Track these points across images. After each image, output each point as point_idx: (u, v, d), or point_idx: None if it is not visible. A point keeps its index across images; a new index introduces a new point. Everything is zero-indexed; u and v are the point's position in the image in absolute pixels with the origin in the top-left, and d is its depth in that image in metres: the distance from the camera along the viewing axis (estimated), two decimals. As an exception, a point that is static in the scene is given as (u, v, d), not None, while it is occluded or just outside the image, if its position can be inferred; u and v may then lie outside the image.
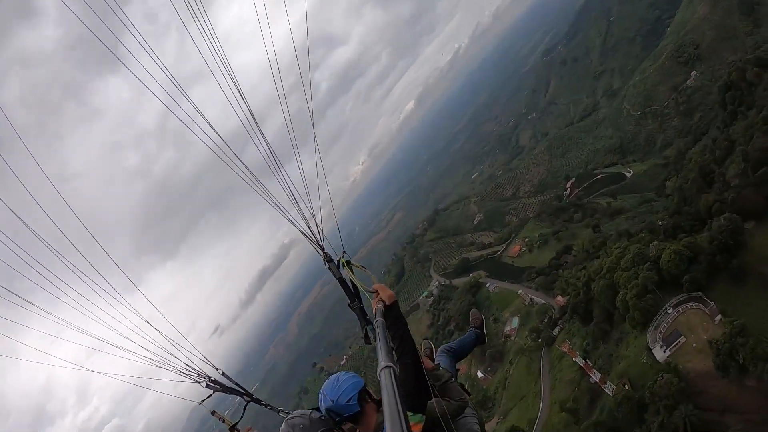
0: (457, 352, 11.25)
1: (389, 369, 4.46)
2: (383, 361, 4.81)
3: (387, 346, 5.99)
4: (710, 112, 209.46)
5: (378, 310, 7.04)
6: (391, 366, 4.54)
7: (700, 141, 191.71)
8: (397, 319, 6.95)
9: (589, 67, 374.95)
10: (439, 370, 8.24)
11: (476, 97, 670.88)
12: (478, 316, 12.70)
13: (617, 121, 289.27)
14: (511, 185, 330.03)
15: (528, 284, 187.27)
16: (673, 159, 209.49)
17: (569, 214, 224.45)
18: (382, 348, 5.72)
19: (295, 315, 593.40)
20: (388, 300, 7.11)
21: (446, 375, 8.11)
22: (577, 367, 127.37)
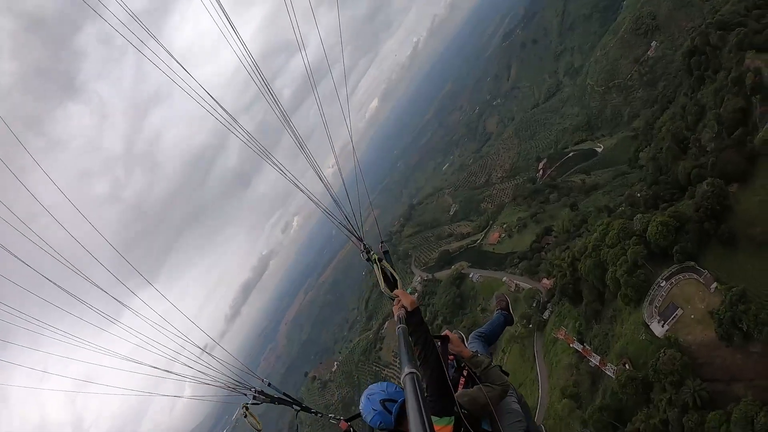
0: (488, 337, 11.68)
1: (413, 375, 4.35)
2: (407, 367, 4.60)
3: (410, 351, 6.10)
4: (674, 80, 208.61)
5: (399, 316, 7.26)
6: (415, 372, 4.41)
7: (667, 109, 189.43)
8: (419, 325, 7.27)
9: (548, 47, 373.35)
10: (478, 357, 8.65)
11: (440, 89, 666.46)
12: (503, 298, 13.42)
13: (582, 98, 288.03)
14: (482, 172, 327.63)
15: (512, 270, 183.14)
16: (642, 130, 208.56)
17: (545, 196, 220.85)
18: (405, 354, 5.55)
19: (283, 325, 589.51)
20: (409, 306, 7.42)
21: (486, 361, 8.56)
22: (573, 350, 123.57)
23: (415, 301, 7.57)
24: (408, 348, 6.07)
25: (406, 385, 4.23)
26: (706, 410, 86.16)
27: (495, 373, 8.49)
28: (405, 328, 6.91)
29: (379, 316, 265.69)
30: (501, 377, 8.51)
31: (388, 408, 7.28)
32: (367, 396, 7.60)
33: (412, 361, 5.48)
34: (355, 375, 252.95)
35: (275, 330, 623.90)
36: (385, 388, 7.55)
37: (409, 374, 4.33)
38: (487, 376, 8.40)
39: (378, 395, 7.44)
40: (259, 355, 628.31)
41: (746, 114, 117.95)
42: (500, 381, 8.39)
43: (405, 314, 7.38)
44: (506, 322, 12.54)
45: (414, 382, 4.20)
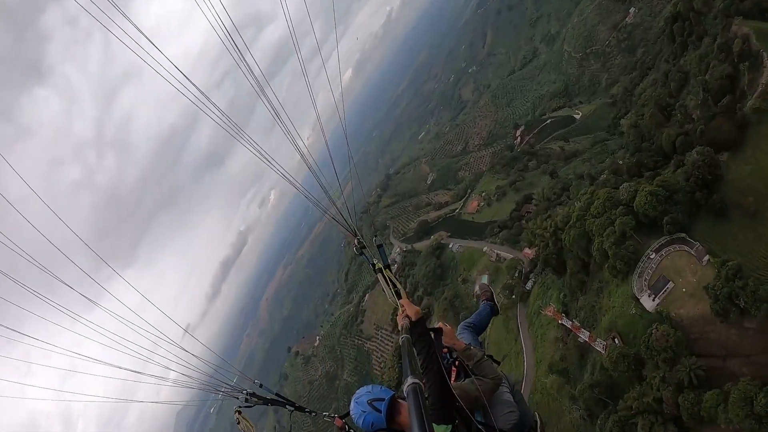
0: (477, 327, 11.89)
1: (415, 385, 4.61)
2: (410, 377, 4.85)
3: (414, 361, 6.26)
4: (653, 46, 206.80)
5: (403, 326, 7.36)
6: (418, 382, 4.68)
7: (647, 76, 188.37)
8: (422, 335, 7.32)
9: (524, 14, 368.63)
10: (471, 349, 8.60)
11: (414, 58, 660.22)
12: (487, 289, 13.94)
13: (559, 65, 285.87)
14: (459, 141, 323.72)
15: (492, 240, 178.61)
16: (621, 96, 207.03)
17: (523, 163, 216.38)
18: (408, 364, 5.64)
19: (264, 301, 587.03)
20: (414, 316, 7.48)
21: (479, 354, 8.53)
22: (558, 322, 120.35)
23: (420, 311, 7.59)
24: (411, 358, 6.11)
25: (409, 395, 4.49)
26: (702, 389, 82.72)
27: (488, 366, 8.49)
28: (408, 338, 6.96)
29: (359, 289, 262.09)
30: (494, 370, 8.53)
31: (376, 407, 7.33)
32: (355, 400, 7.60)
33: (415, 371, 5.58)
34: (338, 349, 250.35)
35: (256, 306, 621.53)
36: (370, 390, 7.64)
37: (412, 384, 4.59)
38: (479, 368, 8.43)
39: (365, 396, 7.51)
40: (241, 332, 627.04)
41: (734, 81, 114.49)
42: (493, 374, 8.44)
43: (409, 324, 7.42)
44: (492, 313, 12.69)
45: (417, 393, 4.48)
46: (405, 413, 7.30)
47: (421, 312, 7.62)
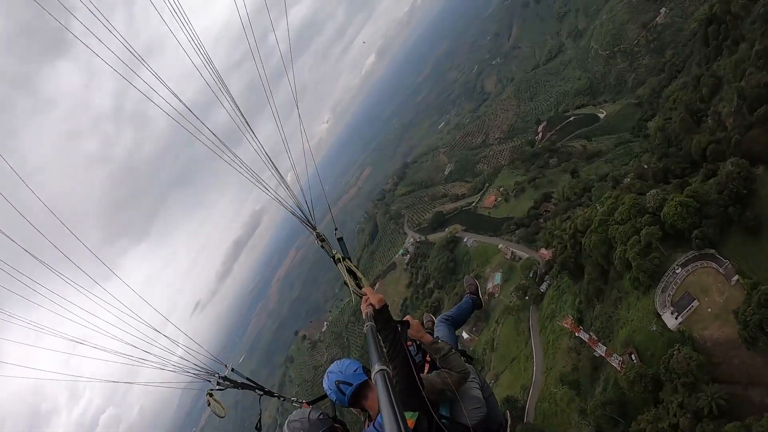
0: (456, 320, 11.66)
1: (383, 372, 4.66)
2: (377, 364, 4.93)
3: (379, 349, 6.09)
4: (684, 48, 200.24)
5: (368, 314, 7.23)
6: (385, 369, 4.75)
7: (675, 79, 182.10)
8: (387, 323, 7.23)
9: (552, 8, 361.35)
10: (438, 343, 8.34)
11: (437, 47, 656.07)
12: (472, 282, 13.55)
13: (585, 61, 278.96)
14: (479, 133, 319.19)
15: (508, 237, 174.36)
16: (648, 98, 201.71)
17: (544, 160, 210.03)
18: (374, 351, 5.77)
19: (274, 281, 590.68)
20: (377, 304, 7.34)
21: (446, 347, 8.25)
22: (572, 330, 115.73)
23: (383, 298, 7.53)
24: (377, 345, 6.12)
25: (378, 382, 4.52)
26: (723, 419, 77.24)
27: (455, 359, 8.23)
28: (373, 326, 6.96)
29: (369, 276, 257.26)
30: (460, 364, 8.27)
31: (342, 390, 7.41)
32: (327, 374, 7.70)
33: (381, 358, 5.61)
34: (345, 336, 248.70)
35: (267, 287, 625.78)
36: (343, 369, 7.60)
37: (380, 371, 4.66)
38: (446, 362, 8.17)
39: (335, 375, 7.54)
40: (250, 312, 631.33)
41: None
42: (459, 367, 8.17)
43: (373, 312, 7.32)
44: (474, 306, 12.61)
45: (385, 379, 4.51)
46: (372, 398, 7.39)
47: (384, 300, 7.49)
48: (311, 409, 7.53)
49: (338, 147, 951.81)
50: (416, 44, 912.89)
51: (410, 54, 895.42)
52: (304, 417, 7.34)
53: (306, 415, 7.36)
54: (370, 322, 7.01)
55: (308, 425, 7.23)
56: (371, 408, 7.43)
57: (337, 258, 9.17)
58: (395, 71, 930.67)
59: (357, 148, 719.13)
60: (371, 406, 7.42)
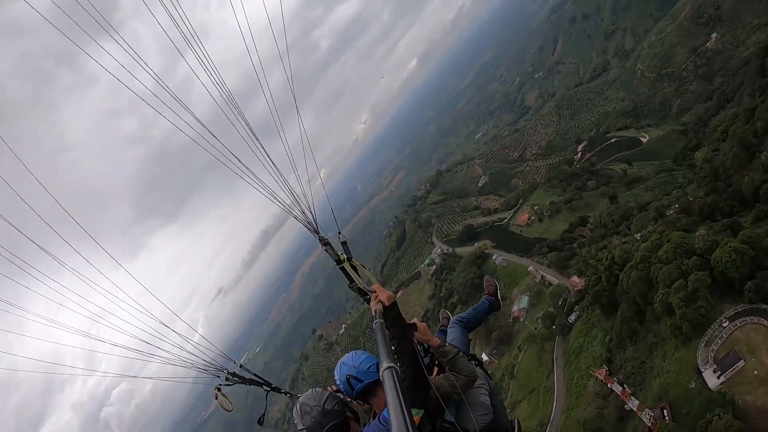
0: (470, 322, 11.37)
1: (392, 369, 4.48)
2: (385, 361, 4.76)
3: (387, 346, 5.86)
4: (734, 77, 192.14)
5: (377, 311, 7.12)
6: (394, 366, 4.55)
7: (724, 108, 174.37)
8: (395, 320, 7.09)
9: (599, 25, 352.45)
10: (445, 346, 8.21)
11: (480, 56, 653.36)
12: (492, 282, 13.32)
13: (630, 82, 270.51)
14: (517, 147, 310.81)
15: (539, 260, 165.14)
16: (693, 125, 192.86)
17: (582, 181, 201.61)
18: (383, 349, 5.60)
19: (298, 275, 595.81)
20: (387, 301, 7.21)
21: (453, 350, 8.12)
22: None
23: (393, 296, 7.41)
24: (386, 343, 5.89)
25: (386, 379, 4.32)
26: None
27: (462, 363, 8.04)
28: (382, 323, 6.72)
29: (393, 283, 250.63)
30: (468, 367, 8.06)
31: (352, 385, 7.35)
32: (340, 364, 7.64)
33: (390, 355, 5.36)
34: (362, 341, 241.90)
35: (290, 280, 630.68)
36: (357, 364, 7.50)
37: (388, 369, 4.45)
38: (453, 365, 8.01)
39: (348, 369, 7.48)
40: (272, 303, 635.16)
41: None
42: (467, 371, 8.00)
43: (382, 309, 7.17)
44: (492, 308, 12.25)
45: (393, 377, 4.31)
46: (380, 397, 7.31)
47: (394, 297, 7.33)
48: (328, 396, 7.17)
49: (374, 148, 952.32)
50: (460, 51, 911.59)
51: (453, 60, 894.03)
52: (318, 405, 7.02)
53: (321, 403, 7.04)
54: (379, 320, 6.78)
55: (320, 415, 6.95)
56: (377, 405, 7.36)
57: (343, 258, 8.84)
58: (437, 76, 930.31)
59: (392, 151, 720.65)
60: (378, 403, 7.35)
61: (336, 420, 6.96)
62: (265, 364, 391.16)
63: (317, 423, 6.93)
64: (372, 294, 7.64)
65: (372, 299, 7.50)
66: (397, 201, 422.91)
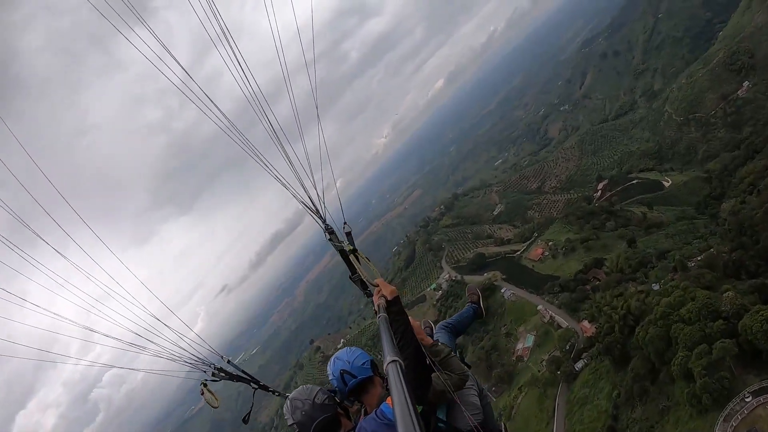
0: (455, 328, 11.30)
1: (396, 363, 4.46)
2: (389, 355, 4.70)
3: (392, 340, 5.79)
4: (765, 128, 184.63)
5: (380, 305, 6.97)
6: (398, 360, 4.54)
7: (753, 159, 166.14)
8: (398, 315, 6.89)
9: (629, 63, 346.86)
10: (438, 345, 8.11)
11: (507, 83, 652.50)
12: (474, 291, 12.97)
13: (656, 124, 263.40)
14: (536, 178, 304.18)
15: (550, 299, 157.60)
16: (718, 174, 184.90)
17: (600, 221, 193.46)
18: (386, 342, 5.49)
19: (304, 282, 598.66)
20: (389, 295, 7.05)
21: (446, 350, 8.05)
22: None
23: (396, 290, 7.13)
24: (390, 337, 5.81)
25: (390, 373, 4.31)
26: None
27: (454, 362, 7.89)
28: (386, 317, 6.58)
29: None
30: (460, 367, 7.94)
31: (345, 380, 7.13)
32: (334, 359, 7.47)
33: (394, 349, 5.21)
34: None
35: (295, 286, 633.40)
36: (351, 360, 7.30)
37: (392, 362, 4.43)
38: (446, 364, 7.73)
39: (342, 364, 7.25)
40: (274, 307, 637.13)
41: None
42: (459, 370, 7.84)
43: (385, 303, 6.93)
44: (476, 316, 12.10)
45: (398, 371, 4.28)
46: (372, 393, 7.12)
47: (397, 291, 7.09)
48: (319, 390, 7.21)
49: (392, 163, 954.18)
50: (487, 76, 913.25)
51: (479, 84, 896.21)
52: (308, 399, 7.02)
53: (311, 397, 7.04)
54: (382, 314, 6.61)
55: (310, 409, 6.94)
56: (369, 403, 7.09)
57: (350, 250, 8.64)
58: (462, 99, 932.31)
59: (410, 169, 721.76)
60: (370, 401, 7.09)
61: (326, 414, 6.91)
62: (260, 367, 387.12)
63: (308, 417, 6.83)
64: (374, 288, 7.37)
65: (375, 293, 7.27)
66: (410, 219, 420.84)
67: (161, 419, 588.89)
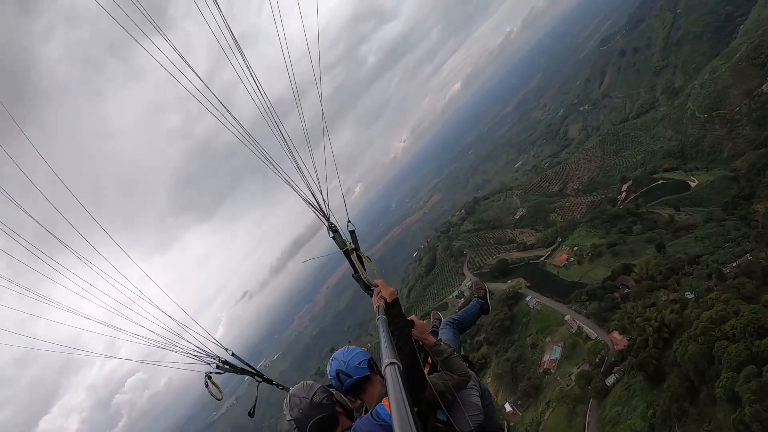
0: (462, 324, 11.21)
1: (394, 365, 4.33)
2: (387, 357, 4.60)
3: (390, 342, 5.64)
4: None
5: (379, 307, 6.94)
6: (396, 362, 4.41)
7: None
8: (396, 317, 6.91)
9: (649, 60, 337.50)
10: (441, 345, 8.12)
11: (525, 83, 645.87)
12: (481, 286, 12.72)
13: (679, 122, 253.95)
14: (558, 180, 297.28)
15: (577, 308, 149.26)
16: (745, 172, 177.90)
17: (626, 224, 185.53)
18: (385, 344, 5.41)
19: (324, 287, 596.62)
20: (389, 297, 7.02)
21: (448, 350, 8.06)
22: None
23: (395, 292, 7.10)
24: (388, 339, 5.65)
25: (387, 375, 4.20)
26: None
27: (456, 363, 7.90)
28: (385, 319, 6.51)
29: (417, 312, 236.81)
30: (462, 367, 7.93)
31: (341, 380, 7.30)
32: (332, 359, 7.68)
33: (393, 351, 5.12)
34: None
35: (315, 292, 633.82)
36: (347, 360, 7.48)
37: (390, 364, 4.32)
38: (448, 364, 7.85)
39: (338, 364, 7.44)
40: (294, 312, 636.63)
41: None
42: (461, 371, 7.86)
43: (385, 305, 6.88)
44: (482, 311, 11.82)
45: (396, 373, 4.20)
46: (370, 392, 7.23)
47: (396, 294, 7.06)
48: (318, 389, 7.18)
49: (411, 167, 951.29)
50: (504, 77, 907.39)
51: (497, 86, 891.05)
52: (306, 397, 7.02)
53: (309, 396, 7.04)
54: (382, 315, 6.54)
55: (308, 408, 6.95)
56: (369, 401, 7.18)
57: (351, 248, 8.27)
58: (479, 101, 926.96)
59: (430, 172, 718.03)
60: (369, 400, 7.20)
61: (324, 413, 6.93)
62: (281, 372, 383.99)
63: (305, 415, 6.86)
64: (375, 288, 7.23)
65: (374, 294, 7.16)
66: (431, 224, 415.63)
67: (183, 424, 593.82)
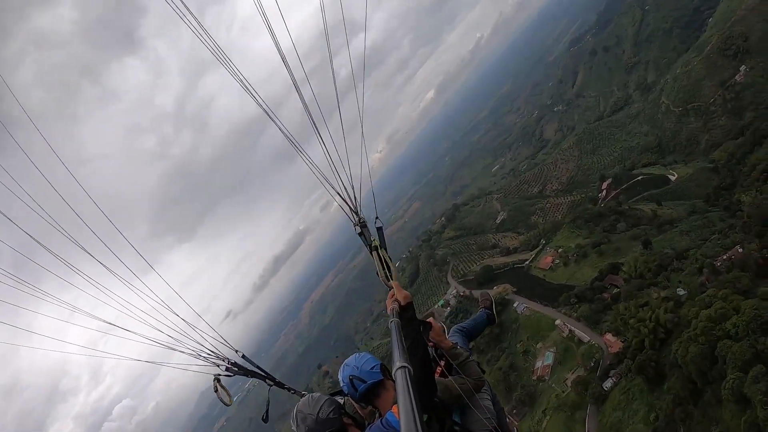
0: (470, 332, 11.27)
1: (405, 369, 4.42)
2: (399, 361, 4.68)
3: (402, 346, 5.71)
4: (766, 111, 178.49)
5: (393, 309, 6.95)
6: (407, 366, 4.50)
7: (761, 145, 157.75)
8: (410, 321, 6.85)
9: (620, 58, 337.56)
10: (457, 348, 8.19)
11: (498, 88, 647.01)
12: (487, 297, 12.83)
13: (654, 117, 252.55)
14: (536, 182, 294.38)
15: (567, 311, 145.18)
16: (725, 163, 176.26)
17: (610, 222, 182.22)
18: (397, 348, 5.46)
19: (308, 303, 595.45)
20: (403, 300, 6.99)
21: (464, 354, 8.11)
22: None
23: (410, 295, 7.09)
24: (400, 342, 5.67)
25: (398, 379, 4.26)
26: None
27: (472, 367, 7.99)
28: (398, 322, 6.50)
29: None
30: (477, 371, 8.04)
31: (355, 386, 6.99)
32: (344, 366, 7.37)
33: (404, 355, 5.24)
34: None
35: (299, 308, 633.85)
36: (360, 365, 7.17)
37: (401, 368, 4.39)
38: (463, 368, 7.91)
39: (351, 370, 7.14)
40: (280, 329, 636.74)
41: None
42: (476, 375, 7.95)
43: (398, 308, 6.90)
44: (489, 321, 12.01)
45: (406, 377, 4.24)
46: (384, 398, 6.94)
47: (410, 297, 7.00)
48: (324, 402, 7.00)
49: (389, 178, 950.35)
50: (477, 83, 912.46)
51: (470, 92, 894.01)
52: (312, 414, 6.87)
53: (315, 412, 6.87)
54: (395, 318, 6.56)
55: (314, 423, 6.78)
56: (382, 407, 6.95)
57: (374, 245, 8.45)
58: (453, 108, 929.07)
59: (408, 181, 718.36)
60: (383, 405, 6.95)
61: (331, 428, 6.80)
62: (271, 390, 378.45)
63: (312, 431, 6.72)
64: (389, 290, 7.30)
65: (388, 297, 7.13)
66: (412, 232, 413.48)
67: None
